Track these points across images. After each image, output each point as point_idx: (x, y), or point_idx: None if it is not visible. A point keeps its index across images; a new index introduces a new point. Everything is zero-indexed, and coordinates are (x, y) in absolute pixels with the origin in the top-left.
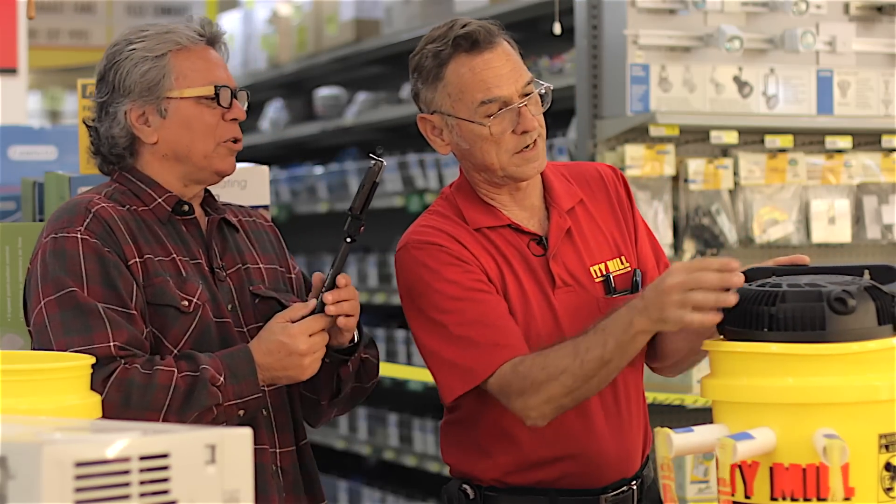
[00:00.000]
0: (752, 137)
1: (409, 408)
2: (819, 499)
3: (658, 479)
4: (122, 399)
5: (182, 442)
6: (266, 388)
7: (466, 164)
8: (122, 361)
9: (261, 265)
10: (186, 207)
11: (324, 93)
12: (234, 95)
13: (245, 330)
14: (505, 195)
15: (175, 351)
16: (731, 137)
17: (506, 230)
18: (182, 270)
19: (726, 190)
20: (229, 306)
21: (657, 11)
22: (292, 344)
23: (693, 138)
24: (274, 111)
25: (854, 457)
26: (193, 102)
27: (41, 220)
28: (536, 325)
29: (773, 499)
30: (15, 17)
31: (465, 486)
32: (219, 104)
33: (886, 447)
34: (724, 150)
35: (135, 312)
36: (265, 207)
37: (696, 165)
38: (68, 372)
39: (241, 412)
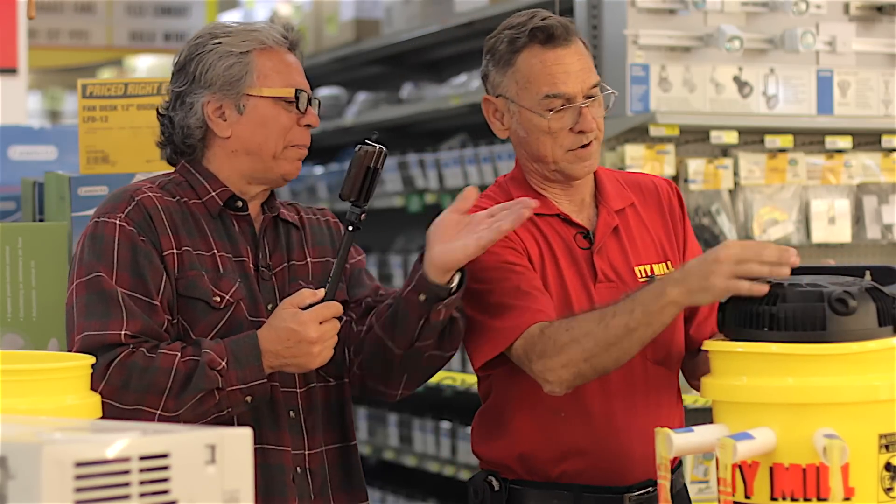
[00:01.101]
0: (752, 137)
1: (409, 408)
2: (819, 499)
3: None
4: (122, 381)
5: (182, 442)
6: (297, 389)
7: (521, 153)
8: (130, 347)
9: (308, 259)
10: (240, 203)
11: (324, 93)
12: (309, 101)
13: None
14: (556, 188)
15: None
16: (731, 137)
17: (555, 220)
18: (220, 266)
19: (726, 190)
20: (269, 306)
21: (657, 11)
22: (302, 331)
23: (693, 138)
24: None
25: (854, 457)
26: (272, 102)
27: (41, 220)
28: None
29: (773, 499)
30: (15, 17)
31: (490, 477)
32: (297, 108)
33: (886, 447)
34: (724, 150)
35: (157, 303)
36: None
37: (696, 165)
38: (68, 372)
39: (248, 398)
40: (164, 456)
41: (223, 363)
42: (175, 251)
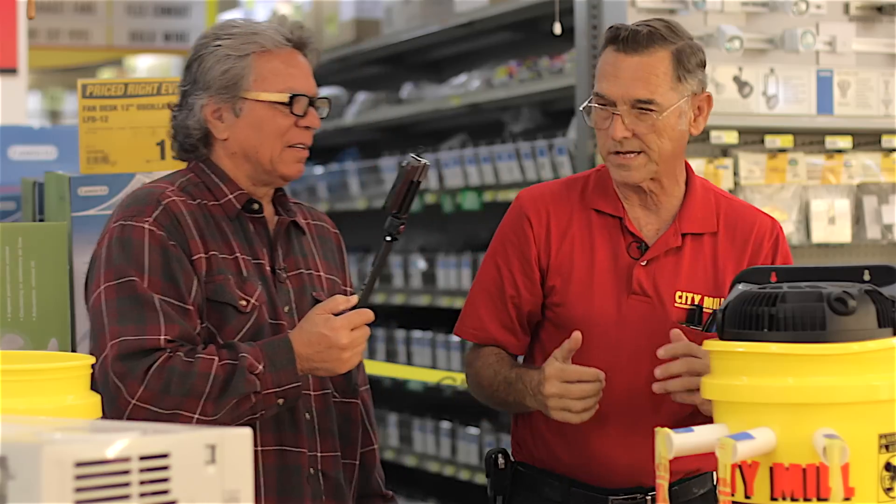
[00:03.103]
0: (752, 137)
1: (409, 408)
2: (819, 499)
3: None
4: (161, 386)
5: (182, 442)
6: (312, 392)
7: None
8: (167, 351)
9: (321, 273)
10: (257, 206)
11: (324, 93)
12: (311, 103)
13: None
14: (629, 191)
15: None
16: (731, 137)
17: (613, 222)
18: (243, 270)
19: (726, 190)
20: (286, 308)
21: (657, 11)
22: (334, 337)
23: (693, 138)
24: None
25: (854, 457)
26: (268, 106)
27: (41, 220)
28: (595, 323)
29: (773, 499)
30: (15, 17)
31: (498, 455)
32: (292, 112)
33: (886, 447)
34: (724, 150)
35: (191, 308)
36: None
37: (695, 165)
38: (68, 372)
39: (281, 401)
40: (164, 456)
41: (261, 367)
42: (203, 255)
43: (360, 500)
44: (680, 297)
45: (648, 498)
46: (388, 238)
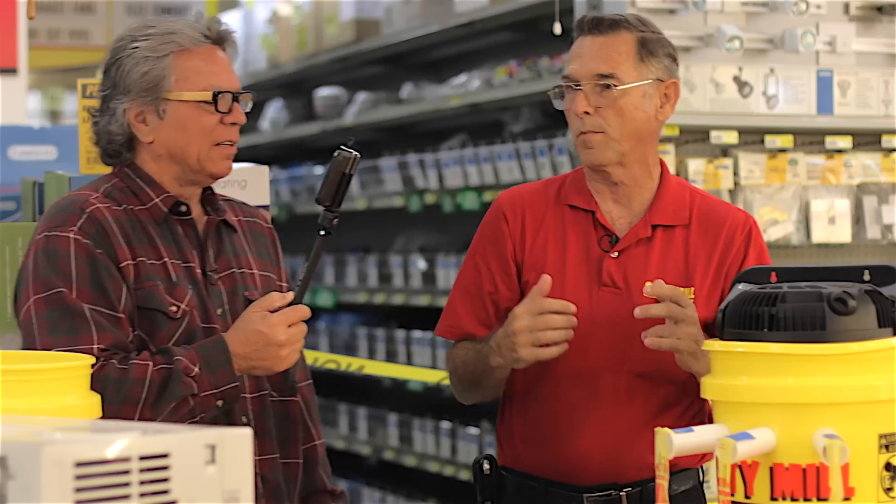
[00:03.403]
0: (752, 137)
1: (409, 408)
2: (819, 499)
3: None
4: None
5: (182, 442)
6: (247, 393)
7: None
8: (101, 360)
9: (255, 271)
10: (184, 208)
11: (324, 93)
12: (235, 99)
13: None
14: (601, 184)
15: None
16: (731, 137)
17: (586, 216)
18: (172, 275)
19: (726, 190)
20: (219, 311)
21: (657, 11)
22: (272, 334)
23: (693, 138)
24: (274, 111)
25: (854, 457)
26: (192, 105)
27: None
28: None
29: (773, 499)
30: (15, 17)
31: (484, 461)
32: (217, 110)
33: (886, 447)
34: (724, 150)
35: (122, 316)
36: (265, 207)
37: (696, 165)
38: (68, 372)
39: (220, 402)
40: (164, 456)
41: (196, 369)
42: (131, 262)
43: (307, 498)
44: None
45: (623, 494)
46: (322, 232)
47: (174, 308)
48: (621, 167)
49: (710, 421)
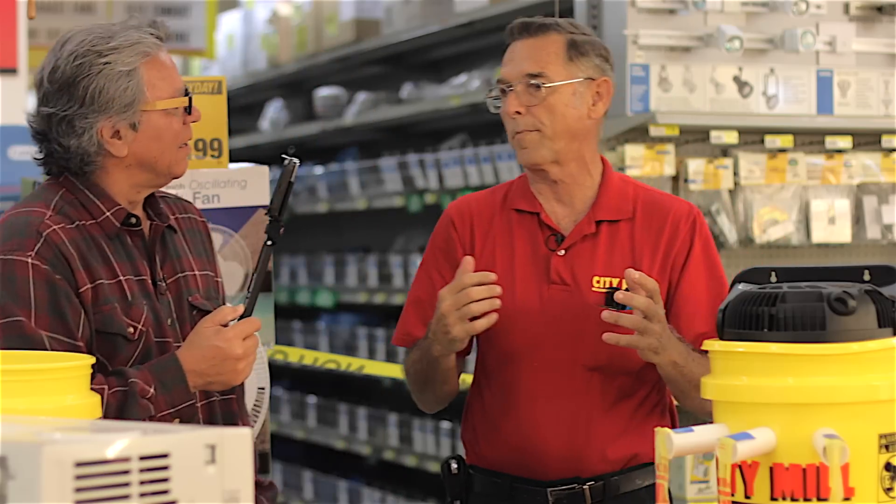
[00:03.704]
0: (752, 137)
1: (409, 408)
2: (819, 499)
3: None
4: None
5: (182, 442)
6: (197, 402)
7: None
8: None
9: (196, 272)
10: (134, 220)
11: (324, 93)
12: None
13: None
14: (543, 185)
15: None
16: (731, 137)
17: (531, 217)
18: (128, 293)
19: (726, 190)
20: (168, 321)
21: (657, 11)
22: (228, 348)
23: (693, 138)
24: (274, 111)
25: (854, 457)
26: (162, 113)
27: None
28: (518, 314)
29: (773, 499)
30: (15, 17)
31: (452, 461)
32: (186, 111)
33: (886, 447)
34: (724, 150)
35: (80, 343)
36: (265, 207)
37: (696, 165)
38: (68, 372)
39: (177, 420)
40: (164, 456)
41: (151, 390)
42: (90, 286)
43: None
44: (598, 281)
45: (586, 488)
46: (270, 242)
47: (132, 329)
48: (557, 165)
49: (672, 411)
